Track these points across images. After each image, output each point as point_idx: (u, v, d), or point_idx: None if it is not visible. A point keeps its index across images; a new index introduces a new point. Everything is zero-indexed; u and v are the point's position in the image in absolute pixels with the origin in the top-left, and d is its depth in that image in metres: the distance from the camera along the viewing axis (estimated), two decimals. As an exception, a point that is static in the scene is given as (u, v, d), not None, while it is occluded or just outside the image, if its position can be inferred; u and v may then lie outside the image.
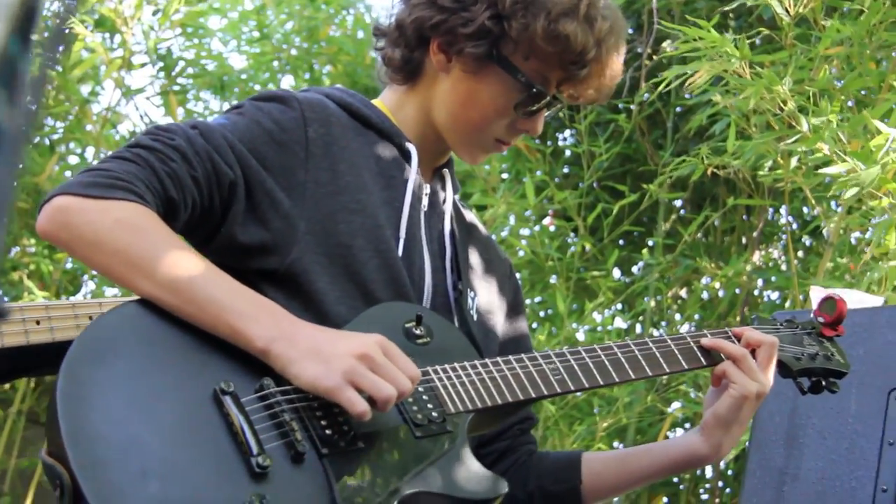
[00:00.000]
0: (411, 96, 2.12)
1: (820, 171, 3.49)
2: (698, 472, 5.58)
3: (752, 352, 2.07)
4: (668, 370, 2.03)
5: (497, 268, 2.25)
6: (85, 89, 5.75)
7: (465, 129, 2.09)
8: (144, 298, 1.77)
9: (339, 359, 1.72)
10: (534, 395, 1.92)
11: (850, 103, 4.03)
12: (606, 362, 1.99)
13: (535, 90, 2.04)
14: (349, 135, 2.02)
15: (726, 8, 4.30)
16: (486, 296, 2.19)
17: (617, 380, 2.00)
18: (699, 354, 2.07)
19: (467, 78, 2.05)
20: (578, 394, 5.00)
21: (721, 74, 3.70)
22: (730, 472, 5.45)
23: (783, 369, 2.17)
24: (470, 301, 2.12)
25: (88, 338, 1.70)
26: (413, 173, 2.07)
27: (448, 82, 2.07)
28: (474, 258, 2.20)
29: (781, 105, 3.67)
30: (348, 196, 1.97)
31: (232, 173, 1.88)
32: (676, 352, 2.05)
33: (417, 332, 1.93)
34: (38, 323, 2.41)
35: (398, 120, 2.11)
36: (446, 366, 1.88)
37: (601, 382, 1.98)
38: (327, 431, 1.74)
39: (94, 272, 5.74)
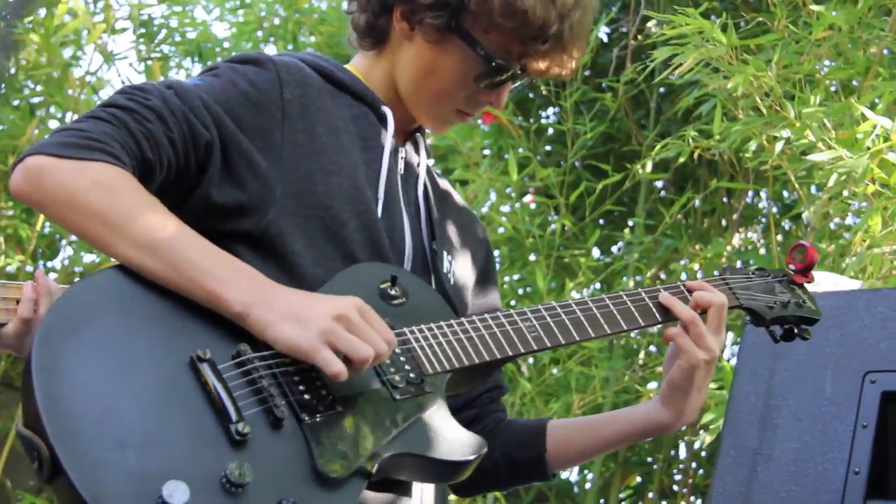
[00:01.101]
0: (379, 61, 2.12)
1: (807, 157, 3.49)
2: (672, 452, 5.61)
3: (704, 312, 2.06)
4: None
5: (471, 235, 2.25)
6: (66, 53, 5.70)
7: (427, 99, 2.09)
8: (120, 263, 1.75)
9: (316, 320, 1.71)
10: (511, 354, 1.92)
11: (833, 88, 4.04)
12: (582, 318, 2.00)
13: (494, 63, 2.03)
14: (325, 97, 2.01)
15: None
16: (460, 260, 2.19)
17: (592, 335, 2.01)
18: (654, 311, 2.06)
19: (429, 48, 2.04)
20: (553, 370, 5.02)
21: (707, 60, 3.70)
22: (703, 454, 5.48)
23: (756, 317, 2.18)
24: (447, 264, 2.12)
25: (62, 307, 1.68)
26: (389, 136, 2.07)
27: (412, 50, 2.07)
28: (449, 223, 2.19)
29: (767, 91, 3.67)
30: (326, 157, 1.96)
31: (208, 134, 1.86)
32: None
33: (392, 292, 1.92)
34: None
35: (369, 84, 2.10)
36: (422, 326, 1.88)
37: (577, 338, 1.99)
38: (306, 396, 1.73)
39: (72, 236, 5.71)
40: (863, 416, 2.56)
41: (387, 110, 2.08)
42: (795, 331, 2.21)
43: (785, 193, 5.52)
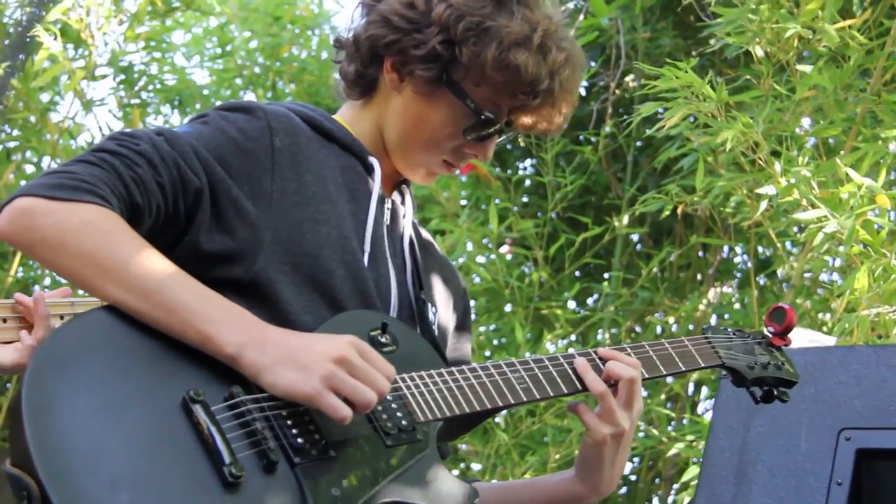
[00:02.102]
0: (367, 111, 2.12)
1: (794, 215, 3.52)
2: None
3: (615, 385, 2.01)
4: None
5: (452, 286, 2.25)
6: (44, 98, 5.70)
7: (414, 149, 2.09)
8: (111, 304, 1.74)
9: (317, 364, 1.70)
10: (501, 404, 1.92)
11: (809, 144, 4.08)
12: (570, 371, 1.99)
13: (483, 117, 2.04)
14: (314, 146, 2.01)
15: (700, 50, 4.34)
16: (442, 311, 2.19)
17: (580, 388, 1.99)
18: (574, 379, 2.01)
19: (418, 99, 2.05)
20: (530, 422, 5.00)
21: (695, 115, 3.73)
22: (677, 508, 5.46)
23: (737, 377, 2.18)
24: (431, 315, 2.11)
25: (53, 346, 1.67)
26: (377, 187, 2.07)
27: (400, 101, 2.07)
28: (433, 275, 2.20)
29: (753, 147, 3.70)
30: (314, 206, 1.95)
31: (197, 180, 1.86)
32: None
33: (383, 339, 1.92)
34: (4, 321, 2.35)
35: (357, 134, 2.11)
36: (413, 374, 1.88)
37: (565, 391, 1.98)
38: (299, 440, 1.72)
39: (45, 280, 5.67)
40: (837, 474, 2.56)
41: (374, 161, 2.08)
42: (775, 392, 2.22)
43: (760, 249, 5.55)
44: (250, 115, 1.95)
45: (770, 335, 2.26)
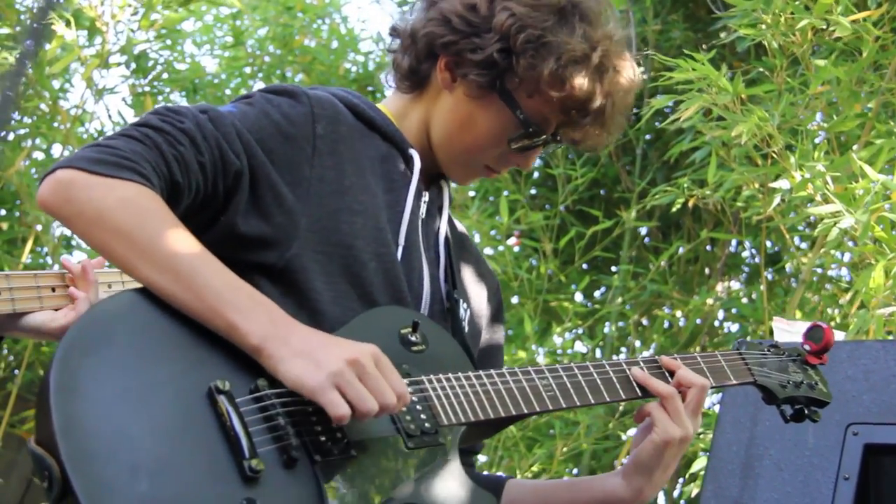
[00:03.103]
0: (416, 105, 2.10)
1: (808, 210, 3.51)
2: (651, 501, 5.59)
3: (683, 391, 2.01)
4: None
5: (486, 281, 2.24)
6: (54, 85, 5.71)
7: (458, 151, 2.07)
8: (142, 286, 1.73)
9: (329, 361, 1.69)
10: (526, 411, 1.90)
11: (818, 139, 4.06)
12: (599, 381, 1.98)
13: (532, 129, 2.02)
14: (355, 135, 2.00)
15: (712, 42, 4.33)
16: (476, 307, 2.18)
17: (608, 399, 1.98)
18: (635, 385, 2.01)
19: (468, 101, 2.03)
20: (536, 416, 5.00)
21: (711, 107, 3.72)
22: (682, 502, 5.46)
23: (768, 396, 2.16)
24: (462, 311, 2.10)
25: (83, 326, 1.66)
26: (415, 179, 2.05)
27: (450, 101, 2.05)
28: (467, 269, 2.18)
29: (767, 140, 3.69)
30: (352, 196, 1.94)
31: (238, 162, 1.84)
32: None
33: (413, 339, 1.91)
34: None
35: (401, 126, 2.09)
36: (440, 376, 1.86)
37: (592, 401, 1.97)
38: (321, 438, 1.71)
39: (55, 268, 5.68)
40: (845, 469, 2.55)
41: (414, 153, 2.07)
42: (805, 412, 2.19)
43: (768, 244, 5.55)
44: (295, 100, 1.94)
45: (806, 353, 2.23)
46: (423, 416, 1.81)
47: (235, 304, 1.71)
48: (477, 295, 2.19)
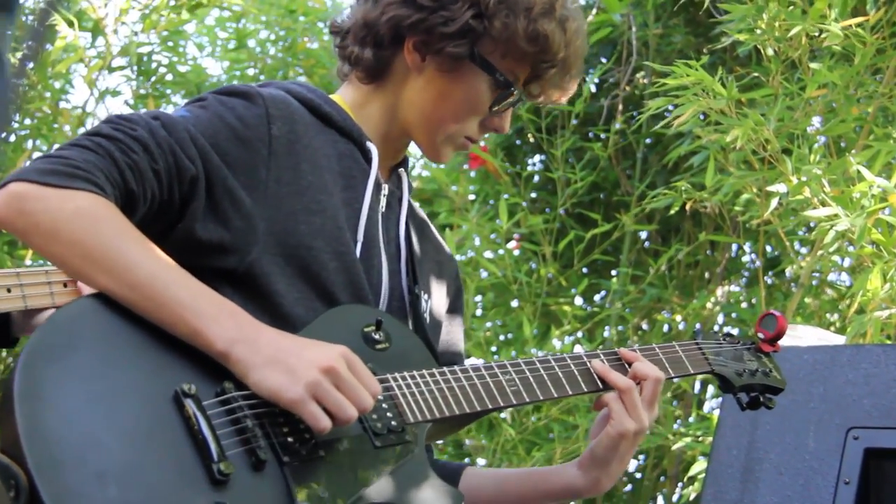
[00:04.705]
0: (377, 95, 2.08)
1: (805, 213, 3.52)
2: None
3: (639, 383, 2.03)
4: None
5: (446, 269, 2.23)
6: (56, 86, 5.71)
7: (437, 128, 2.06)
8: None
9: (304, 370, 1.69)
10: (490, 406, 1.92)
11: (817, 144, 4.07)
12: (561, 375, 2.00)
13: (512, 89, 2.04)
14: (311, 133, 1.98)
15: (711, 47, 4.34)
16: (436, 298, 2.18)
17: (570, 393, 2.00)
18: (596, 378, 2.03)
19: (442, 77, 2.03)
20: (535, 419, 5.01)
21: (706, 112, 3.73)
22: (682, 505, 5.46)
23: (725, 384, 2.18)
24: (423, 304, 2.10)
25: (46, 332, 1.66)
26: (373, 174, 2.04)
27: (420, 81, 2.05)
28: (426, 259, 2.17)
29: (764, 145, 3.70)
30: (309, 196, 1.93)
31: (193, 168, 1.82)
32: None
33: (376, 336, 1.91)
34: (9, 290, 2.38)
35: (359, 117, 2.07)
36: (405, 373, 1.87)
37: (555, 395, 1.99)
38: (289, 439, 1.71)
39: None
40: (845, 473, 2.56)
41: (372, 146, 2.06)
42: (761, 399, 2.22)
43: (768, 248, 5.56)
44: (249, 101, 1.92)
45: (759, 341, 2.26)
46: (389, 415, 1.82)
47: (198, 309, 1.71)
48: (437, 284, 2.19)
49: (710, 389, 5.57)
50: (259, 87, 1.97)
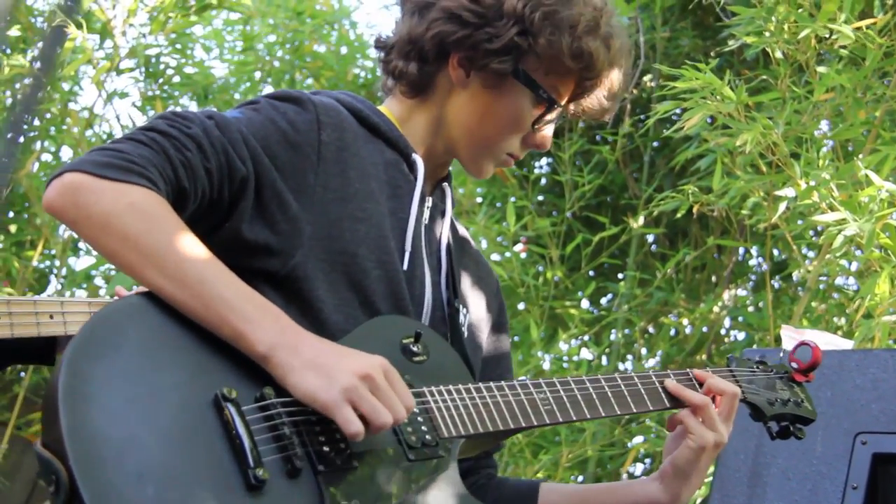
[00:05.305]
0: (421, 109, 2.09)
1: (813, 218, 3.52)
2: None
3: (713, 398, 2.06)
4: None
5: (486, 285, 2.24)
6: (65, 88, 5.72)
7: (480, 144, 2.07)
8: (149, 291, 1.73)
9: (342, 375, 1.69)
10: (524, 425, 1.91)
11: (824, 149, 4.07)
12: (594, 395, 1.99)
13: (556, 106, 2.04)
14: (359, 142, 1.99)
15: (719, 50, 4.33)
16: (476, 312, 2.18)
17: (603, 414, 2.00)
18: (663, 396, 2.06)
19: (486, 93, 2.03)
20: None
21: (715, 115, 3.73)
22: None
23: (756, 413, 2.18)
24: (462, 318, 2.11)
25: (91, 330, 1.66)
26: (419, 185, 2.05)
27: (464, 97, 2.05)
28: (466, 274, 2.18)
29: (773, 148, 3.70)
30: (355, 204, 1.94)
31: (244, 169, 1.84)
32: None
33: (415, 349, 1.91)
34: (51, 317, 2.43)
35: (404, 131, 2.08)
36: (441, 388, 1.87)
37: (587, 416, 1.99)
38: (325, 448, 1.71)
39: (63, 271, 5.69)
40: (853, 478, 2.55)
41: (417, 158, 2.06)
42: (791, 429, 2.21)
43: (775, 252, 5.55)
44: (300, 107, 1.93)
45: (793, 371, 2.25)
46: (423, 428, 1.82)
47: (243, 312, 1.71)
48: (477, 300, 2.20)
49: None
50: (311, 94, 1.99)
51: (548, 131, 2.09)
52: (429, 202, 2.09)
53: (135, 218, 1.71)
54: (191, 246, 1.73)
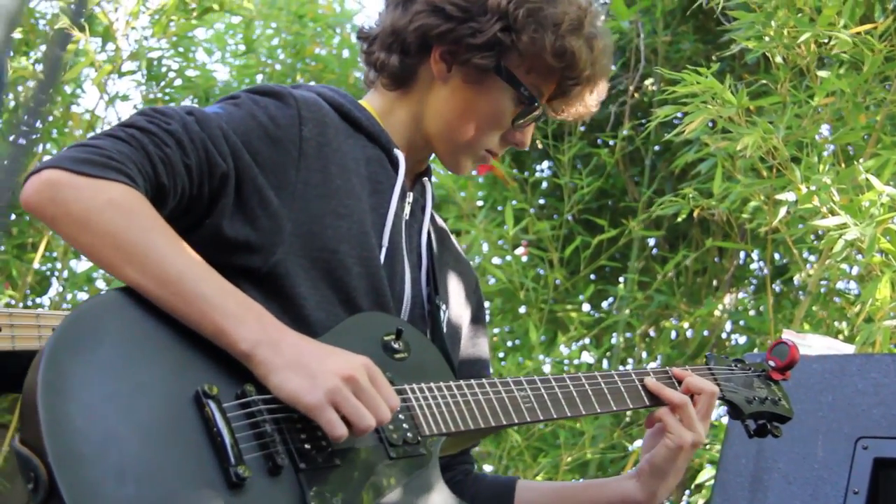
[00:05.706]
0: (402, 102, 2.09)
1: (814, 222, 3.52)
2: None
3: (692, 397, 2.06)
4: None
5: (465, 280, 2.24)
6: (66, 91, 5.72)
7: (459, 139, 2.07)
8: (129, 287, 1.72)
9: (325, 376, 1.69)
10: (505, 423, 1.92)
11: (825, 153, 4.07)
12: (574, 393, 2.00)
13: (536, 104, 2.04)
14: (341, 137, 1.99)
15: (719, 54, 4.34)
16: (455, 308, 2.18)
17: (583, 412, 2.01)
18: (643, 394, 2.07)
19: (466, 88, 2.04)
20: (542, 425, 5.00)
21: (715, 119, 3.73)
22: (689, 513, 5.46)
23: (734, 411, 2.19)
24: (442, 314, 2.11)
25: (71, 325, 1.65)
26: (400, 181, 2.05)
27: (445, 91, 2.05)
28: (446, 269, 2.18)
29: (773, 153, 3.70)
30: (337, 200, 1.93)
31: (224, 165, 1.83)
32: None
33: (396, 346, 1.91)
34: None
35: (385, 125, 2.08)
36: (423, 385, 1.87)
37: (568, 413, 1.99)
38: (306, 446, 1.71)
39: (64, 273, 5.70)
40: (854, 483, 2.55)
41: (399, 154, 2.06)
42: (768, 426, 2.22)
43: (776, 256, 5.55)
44: (281, 102, 1.92)
45: (770, 369, 2.26)
46: (405, 426, 1.82)
47: (224, 309, 1.71)
48: (457, 295, 2.20)
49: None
50: (291, 89, 1.98)
51: (528, 129, 2.09)
52: (409, 197, 2.09)
53: (114, 214, 1.70)
54: (171, 243, 1.72)
